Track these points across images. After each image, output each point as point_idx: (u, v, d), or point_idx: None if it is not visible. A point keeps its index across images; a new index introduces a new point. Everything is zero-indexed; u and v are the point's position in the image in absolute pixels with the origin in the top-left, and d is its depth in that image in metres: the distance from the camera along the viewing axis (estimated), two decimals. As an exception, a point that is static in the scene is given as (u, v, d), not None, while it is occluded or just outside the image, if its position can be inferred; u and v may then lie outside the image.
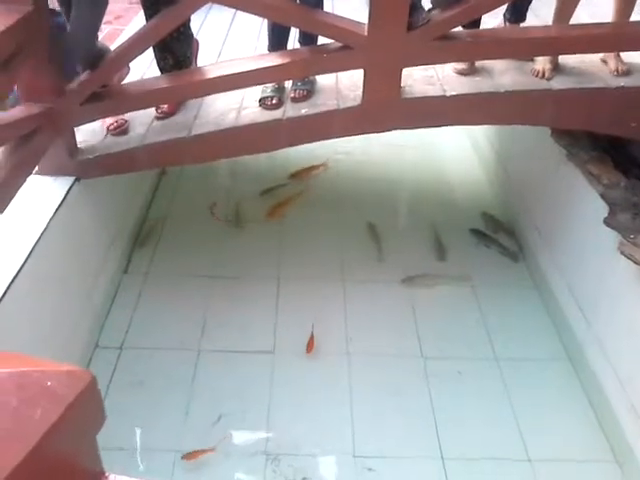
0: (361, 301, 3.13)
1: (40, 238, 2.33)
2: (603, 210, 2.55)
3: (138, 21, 2.62)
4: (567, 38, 2.52)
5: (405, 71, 2.53)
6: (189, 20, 2.58)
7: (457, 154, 4.47)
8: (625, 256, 2.26)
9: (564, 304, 2.93)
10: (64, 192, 2.57)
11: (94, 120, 2.63)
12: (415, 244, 3.52)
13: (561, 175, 3.01)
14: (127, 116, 2.72)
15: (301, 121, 2.63)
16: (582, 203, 2.80)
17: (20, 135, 2.27)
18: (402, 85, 2.56)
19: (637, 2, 2.62)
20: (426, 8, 2.45)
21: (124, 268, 3.31)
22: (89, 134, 2.71)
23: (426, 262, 3.38)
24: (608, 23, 2.60)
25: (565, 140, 2.96)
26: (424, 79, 2.69)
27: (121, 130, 2.68)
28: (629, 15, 2.65)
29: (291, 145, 2.75)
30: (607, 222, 2.44)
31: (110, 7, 2.41)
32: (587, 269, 2.77)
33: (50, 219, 2.42)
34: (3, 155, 2.19)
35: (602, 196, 2.57)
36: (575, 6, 2.62)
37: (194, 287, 3.19)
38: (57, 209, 2.48)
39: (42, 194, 2.54)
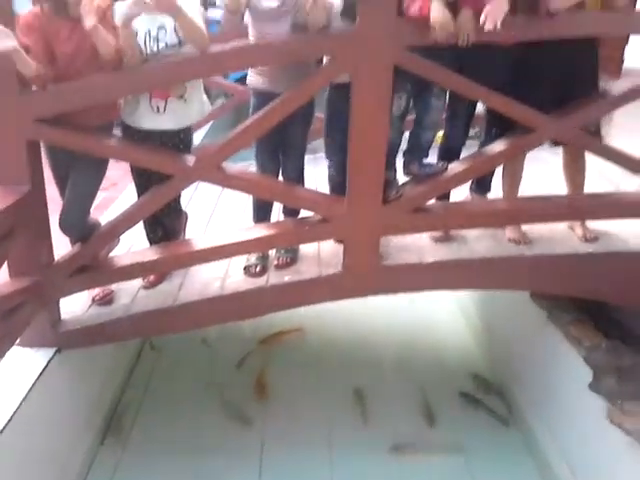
0: (348, 475, 2.96)
1: (16, 412, 2.27)
2: (588, 373, 2.53)
3: (132, 189, 2.77)
4: (531, 209, 2.70)
5: (383, 239, 2.65)
6: (179, 196, 2.72)
7: (443, 313, 4.50)
8: (615, 425, 2.20)
9: (560, 474, 2.78)
10: (44, 364, 2.53)
11: (81, 291, 2.67)
12: (403, 408, 3.42)
13: (544, 337, 3.03)
14: (113, 285, 2.77)
15: (284, 288, 2.69)
16: (567, 366, 2.78)
17: (5, 309, 2.28)
18: (380, 253, 2.67)
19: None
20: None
21: (101, 440, 3.16)
22: (73, 304, 2.72)
23: (415, 428, 3.27)
24: (567, 195, 2.79)
25: (545, 301, 3.02)
26: (401, 246, 2.80)
27: (106, 300, 2.71)
28: (582, 183, 2.82)
29: (274, 311, 2.78)
30: (592, 387, 2.42)
31: (106, 173, 2.54)
32: (579, 435, 2.68)
33: (27, 392, 2.37)
34: (-16, 331, 2.19)
35: (585, 359, 2.57)
36: (521, 174, 2.81)
37: (173, 460, 3.02)
38: (35, 382, 2.43)
39: (21, 366, 2.49)
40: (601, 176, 3.04)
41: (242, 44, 2.33)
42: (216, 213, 3.55)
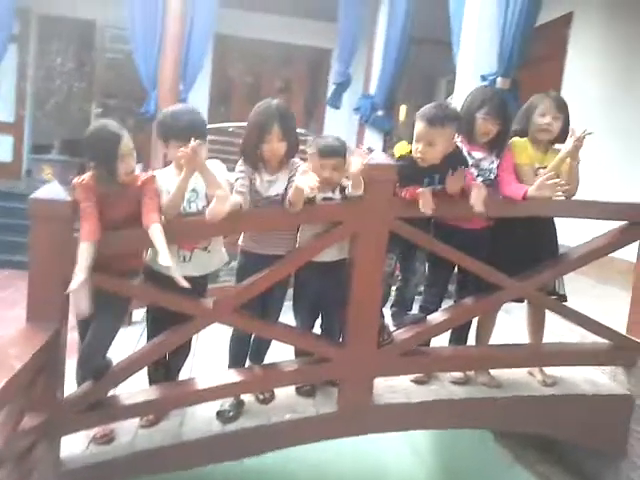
0: None
1: None
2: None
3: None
4: (498, 356, 3.14)
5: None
6: (191, 339, 2.91)
7: (396, 460, 4.27)
8: None
9: None
10: (45, 505, 2.47)
11: (84, 429, 2.69)
12: None
13: (511, 478, 3.29)
14: (113, 424, 2.81)
15: (283, 426, 2.85)
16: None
17: (22, 448, 2.29)
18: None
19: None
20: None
21: None
22: (71, 443, 2.71)
23: None
24: (529, 344, 3.25)
25: (510, 441, 3.33)
26: (388, 387, 3.08)
27: (107, 439, 2.73)
28: (541, 333, 3.29)
29: (276, 450, 2.90)
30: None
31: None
32: None
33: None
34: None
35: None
36: (492, 327, 3.26)
37: None
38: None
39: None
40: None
41: (265, 210, 2.77)
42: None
